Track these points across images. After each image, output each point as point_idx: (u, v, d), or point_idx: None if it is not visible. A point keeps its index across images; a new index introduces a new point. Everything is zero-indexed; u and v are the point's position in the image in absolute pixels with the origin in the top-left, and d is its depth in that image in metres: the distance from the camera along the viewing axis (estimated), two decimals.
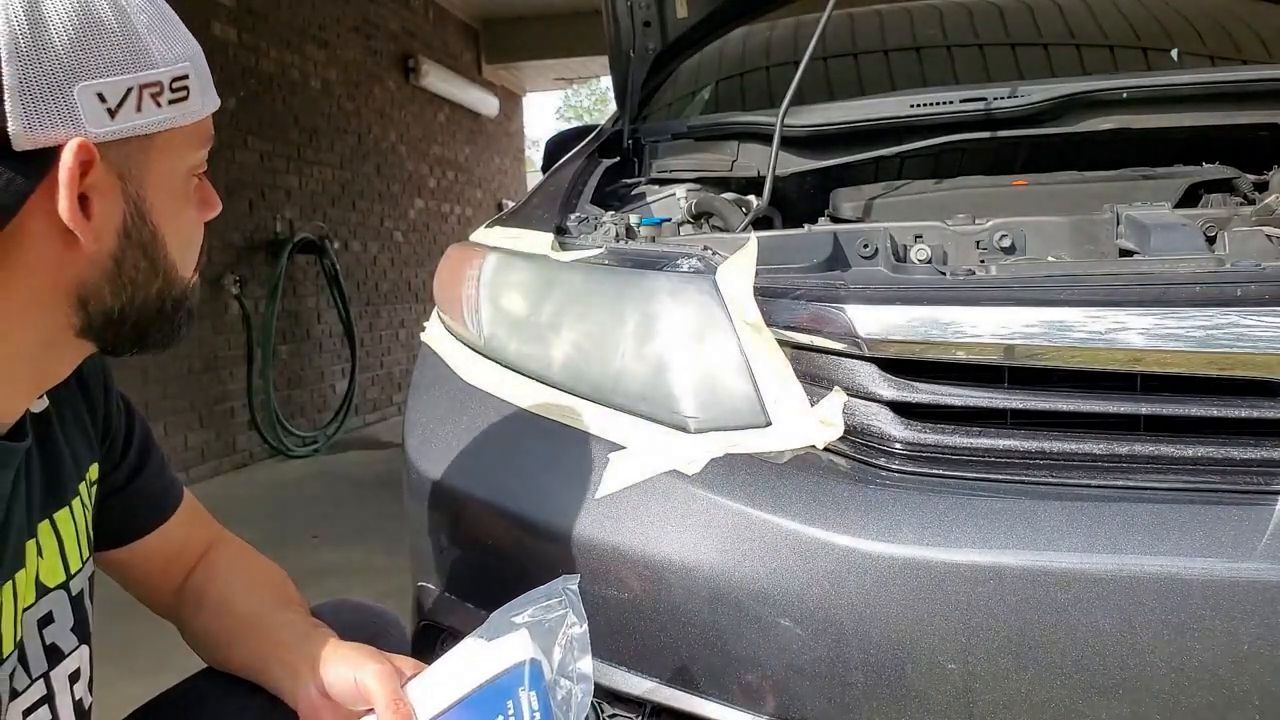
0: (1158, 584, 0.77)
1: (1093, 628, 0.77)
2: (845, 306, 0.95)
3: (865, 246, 1.12)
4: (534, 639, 0.72)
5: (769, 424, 0.96)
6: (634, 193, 1.61)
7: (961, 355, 0.92)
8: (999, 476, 0.88)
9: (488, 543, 1.09)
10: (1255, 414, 0.85)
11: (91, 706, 0.80)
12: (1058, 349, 0.88)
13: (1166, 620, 0.76)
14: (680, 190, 1.55)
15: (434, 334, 1.39)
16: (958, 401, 0.92)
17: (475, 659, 0.74)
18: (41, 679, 0.73)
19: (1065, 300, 0.90)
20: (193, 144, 0.68)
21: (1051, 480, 0.86)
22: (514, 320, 1.21)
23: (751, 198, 1.51)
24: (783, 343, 0.98)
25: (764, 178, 1.42)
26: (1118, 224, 1.18)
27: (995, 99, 1.49)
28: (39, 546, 0.72)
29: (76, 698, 0.77)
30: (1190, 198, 1.35)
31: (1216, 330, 0.85)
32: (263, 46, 4.99)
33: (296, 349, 5.31)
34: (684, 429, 0.99)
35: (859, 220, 1.42)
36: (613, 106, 1.99)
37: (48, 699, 0.74)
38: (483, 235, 1.41)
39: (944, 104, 1.52)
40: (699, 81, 2.14)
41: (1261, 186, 1.35)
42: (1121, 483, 0.85)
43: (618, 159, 1.70)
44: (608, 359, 1.07)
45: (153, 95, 0.62)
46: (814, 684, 0.85)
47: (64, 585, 0.75)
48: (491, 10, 7.95)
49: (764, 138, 1.54)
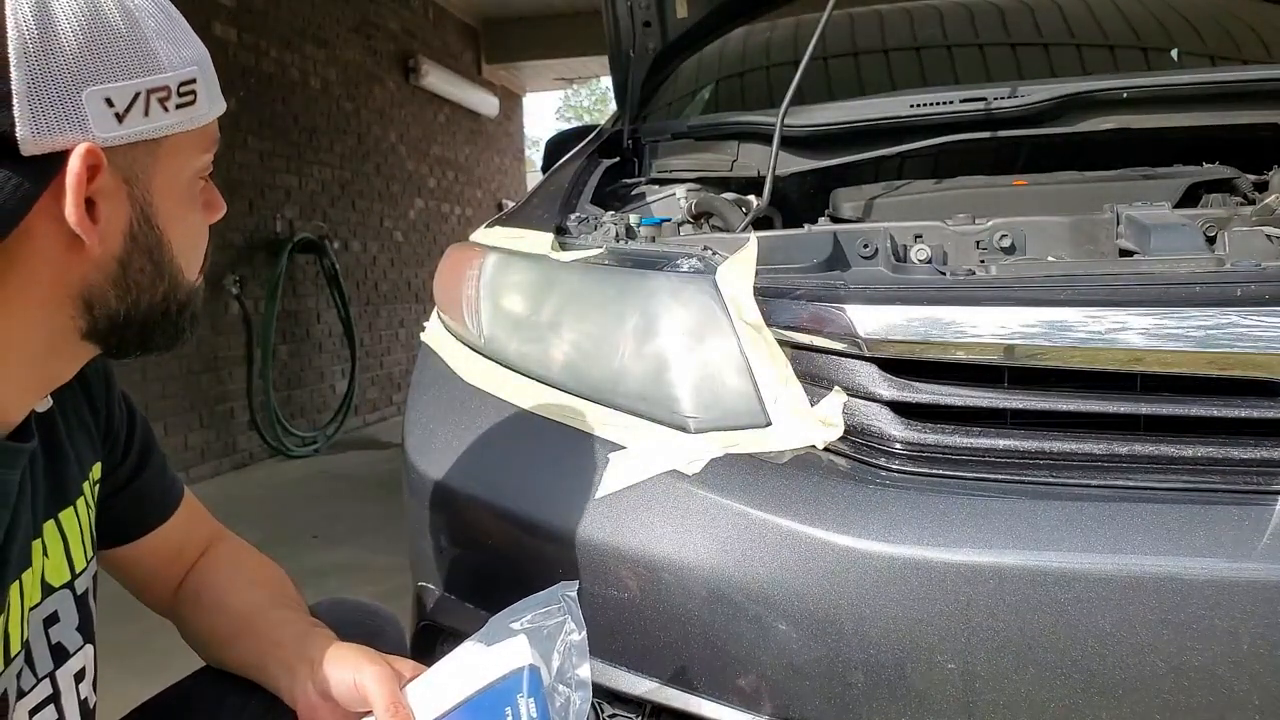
0: (1158, 584, 0.77)
1: (1093, 628, 0.77)
2: (845, 306, 0.95)
3: (865, 246, 1.12)
4: (533, 645, 0.72)
5: (769, 424, 0.96)
6: (634, 193, 1.61)
7: (961, 355, 0.92)
8: (999, 476, 0.88)
9: (488, 543, 1.09)
10: (1255, 414, 0.85)
11: (95, 706, 0.80)
12: (1058, 349, 0.89)
13: (1166, 620, 0.76)
14: (680, 190, 1.55)
15: (434, 334, 1.38)
16: (958, 401, 0.92)
17: (474, 664, 0.74)
18: (47, 678, 0.73)
19: (1065, 300, 0.90)
20: (199, 148, 0.68)
21: (1051, 480, 0.87)
22: (514, 320, 1.21)
23: (751, 198, 1.51)
24: (783, 343, 0.98)
25: (764, 178, 1.42)
26: (1118, 224, 1.18)
27: (995, 99, 1.49)
28: (44, 546, 0.72)
29: (81, 697, 0.77)
30: (1190, 198, 1.35)
31: (1216, 330, 0.85)
32: (262, 46, 4.99)
33: (296, 349, 5.31)
34: (684, 429, 0.99)
35: (859, 220, 1.42)
36: (613, 106, 1.99)
37: (53, 698, 0.74)
38: (483, 235, 1.41)
39: (944, 104, 1.52)
40: (699, 81, 2.13)
41: (1261, 186, 1.35)
42: (1121, 483, 0.85)
43: (618, 159, 1.70)
44: (608, 359, 1.07)
45: (160, 100, 0.62)
46: (814, 684, 0.85)
47: (69, 584, 0.75)
48: (491, 10, 7.94)
49: (764, 137, 1.54)
